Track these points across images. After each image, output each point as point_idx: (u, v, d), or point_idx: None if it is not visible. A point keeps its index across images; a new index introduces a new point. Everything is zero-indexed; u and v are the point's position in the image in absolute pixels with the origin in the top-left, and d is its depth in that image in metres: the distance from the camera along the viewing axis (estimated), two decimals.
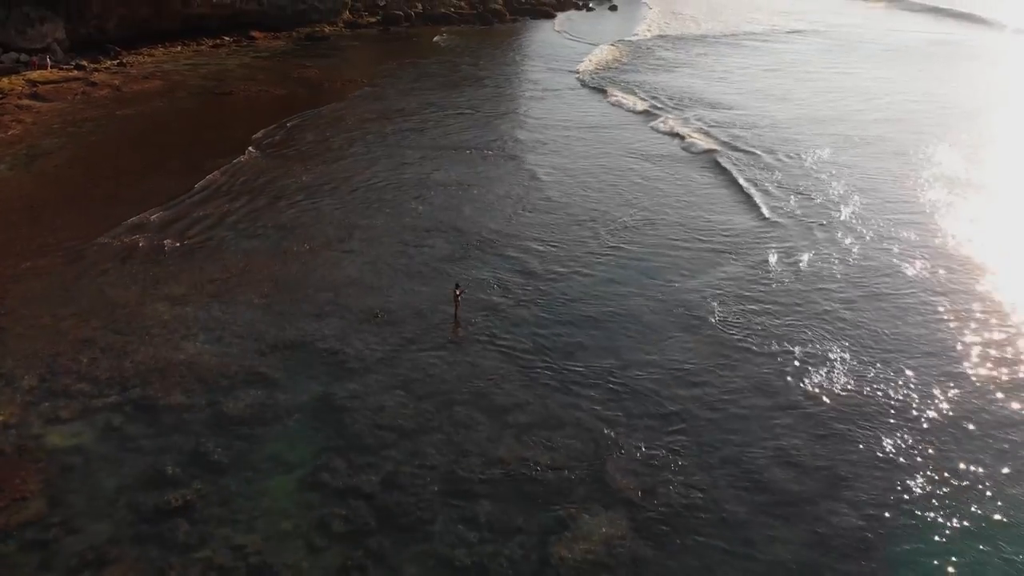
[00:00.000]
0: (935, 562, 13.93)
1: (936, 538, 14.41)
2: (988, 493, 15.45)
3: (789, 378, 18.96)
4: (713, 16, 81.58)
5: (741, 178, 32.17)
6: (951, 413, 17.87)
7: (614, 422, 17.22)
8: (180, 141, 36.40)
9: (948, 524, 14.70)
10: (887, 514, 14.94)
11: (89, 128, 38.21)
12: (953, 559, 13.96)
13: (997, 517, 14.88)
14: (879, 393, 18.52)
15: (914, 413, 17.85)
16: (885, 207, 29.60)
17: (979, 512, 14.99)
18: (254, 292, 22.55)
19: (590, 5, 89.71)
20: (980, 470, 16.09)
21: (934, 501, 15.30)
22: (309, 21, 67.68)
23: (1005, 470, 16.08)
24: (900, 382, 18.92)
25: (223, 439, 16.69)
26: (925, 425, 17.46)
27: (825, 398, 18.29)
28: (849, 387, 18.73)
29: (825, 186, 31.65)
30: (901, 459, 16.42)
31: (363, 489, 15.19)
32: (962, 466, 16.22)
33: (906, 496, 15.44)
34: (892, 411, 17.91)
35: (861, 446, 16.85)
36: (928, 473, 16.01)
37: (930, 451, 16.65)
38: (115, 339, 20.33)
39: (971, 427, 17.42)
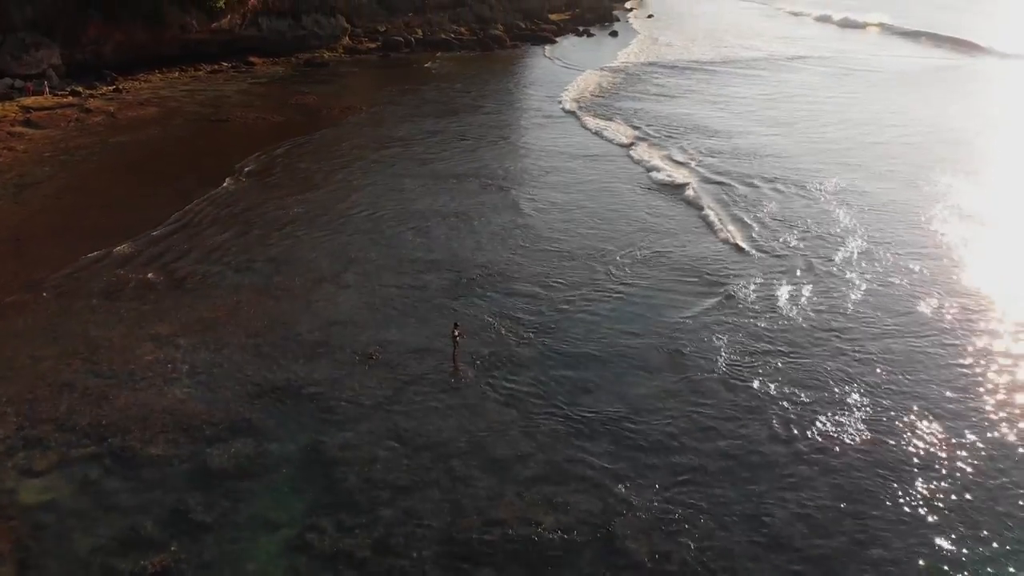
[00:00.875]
0: None
1: None
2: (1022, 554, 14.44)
3: (804, 425, 17.95)
4: (713, 41, 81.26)
5: (746, 216, 31.17)
6: (975, 462, 16.84)
7: (623, 476, 16.18)
8: (173, 169, 35.59)
9: None
10: None
11: (81, 156, 37.44)
12: None
13: None
14: (899, 441, 17.51)
15: (937, 463, 16.82)
16: (898, 242, 28.67)
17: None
18: (244, 331, 21.58)
19: (590, 31, 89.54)
20: (1012, 527, 15.04)
21: (963, 560, 14.26)
22: (308, 47, 67.25)
23: None
24: (921, 429, 17.90)
25: (205, 495, 15.65)
26: (950, 476, 16.43)
27: (843, 447, 17.27)
28: (868, 435, 17.72)
29: (833, 220, 30.74)
30: (928, 515, 15.37)
31: (354, 554, 14.14)
32: (990, 522, 15.18)
33: (935, 557, 14.39)
34: (914, 460, 16.90)
35: (885, 500, 15.83)
36: (957, 531, 14.97)
37: (956, 505, 15.62)
38: (96, 383, 19.35)
39: (999, 478, 16.38)
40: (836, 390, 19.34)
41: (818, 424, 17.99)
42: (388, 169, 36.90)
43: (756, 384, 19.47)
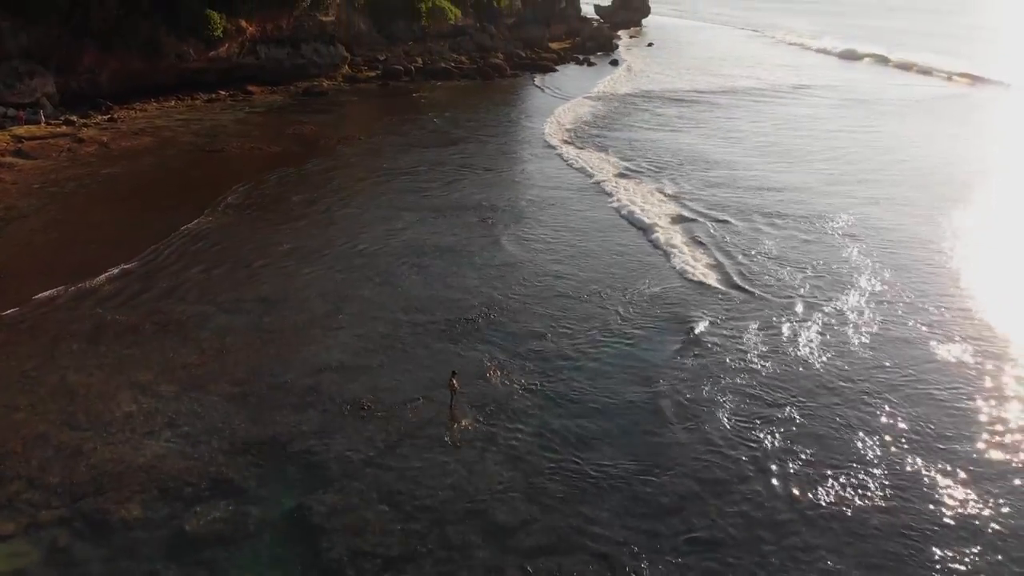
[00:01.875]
0: None
1: None
2: None
3: (822, 485, 16.79)
4: (714, 71, 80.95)
5: (744, 256, 30.16)
6: (1011, 523, 15.67)
7: (633, 544, 14.99)
8: (164, 202, 34.63)
9: None
10: None
11: (71, 188, 36.51)
12: None
13: None
14: (925, 502, 16.34)
15: (963, 524, 15.64)
16: (912, 282, 27.66)
17: None
18: (229, 379, 20.46)
19: (591, 60, 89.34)
20: None
21: None
22: (308, 75, 66.75)
23: None
24: (947, 488, 16.73)
25: (181, 565, 14.46)
26: (978, 539, 15.24)
27: (866, 510, 16.11)
28: (890, 494, 16.56)
29: (842, 259, 29.78)
30: None
31: None
32: None
33: None
34: (942, 522, 15.72)
35: (910, 566, 14.65)
36: None
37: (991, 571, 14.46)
38: (71, 436, 18.21)
39: None
40: (850, 443, 18.19)
41: (833, 482, 16.82)
42: (384, 200, 35.98)
43: (765, 437, 18.32)
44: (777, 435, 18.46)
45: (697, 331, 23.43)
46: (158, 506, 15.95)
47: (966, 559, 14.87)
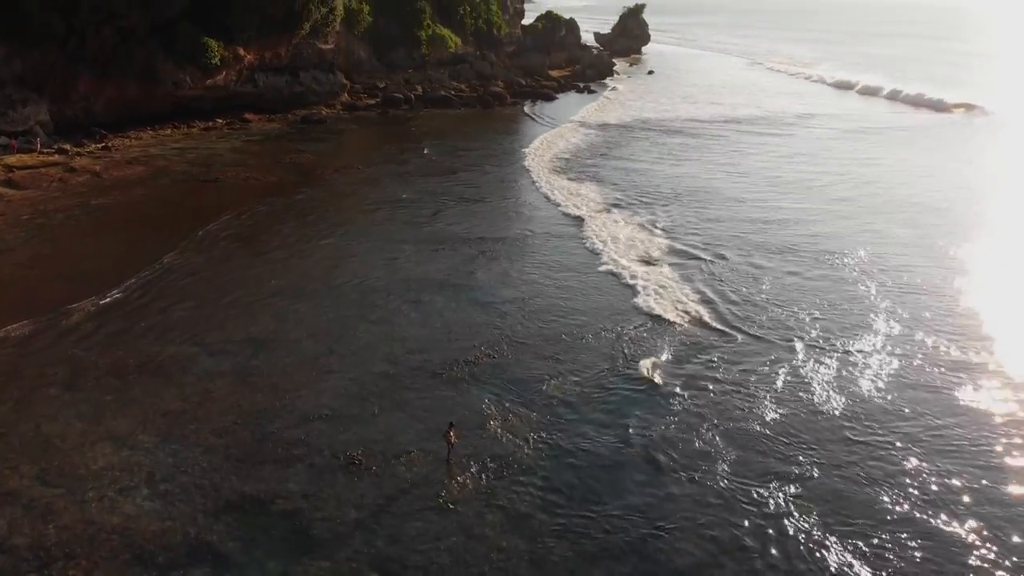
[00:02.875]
0: None
1: None
2: None
3: (845, 547, 15.58)
4: (716, 99, 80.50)
5: (740, 291, 29.23)
6: None
7: None
8: (153, 235, 33.63)
9: None
10: None
11: (59, 220, 35.55)
12: None
13: None
14: (957, 565, 15.16)
15: None
16: (931, 320, 26.60)
17: None
18: (212, 428, 19.30)
19: (591, 88, 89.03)
20: None
21: None
22: (306, 103, 66.23)
23: None
24: (981, 551, 15.54)
25: None
26: None
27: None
28: (918, 558, 15.35)
29: (853, 297, 28.74)
30: None
31: None
32: None
33: None
34: None
35: None
36: None
37: None
38: (43, 493, 17.03)
39: None
40: (872, 500, 17.01)
41: (857, 544, 15.63)
42: (380, 232, 35.00)
43: (779, 492, 17.14)
44: (792, 490, 17.28)
45: (704, 376, 22.31)
46: (131, 574, 14.73)
47: None
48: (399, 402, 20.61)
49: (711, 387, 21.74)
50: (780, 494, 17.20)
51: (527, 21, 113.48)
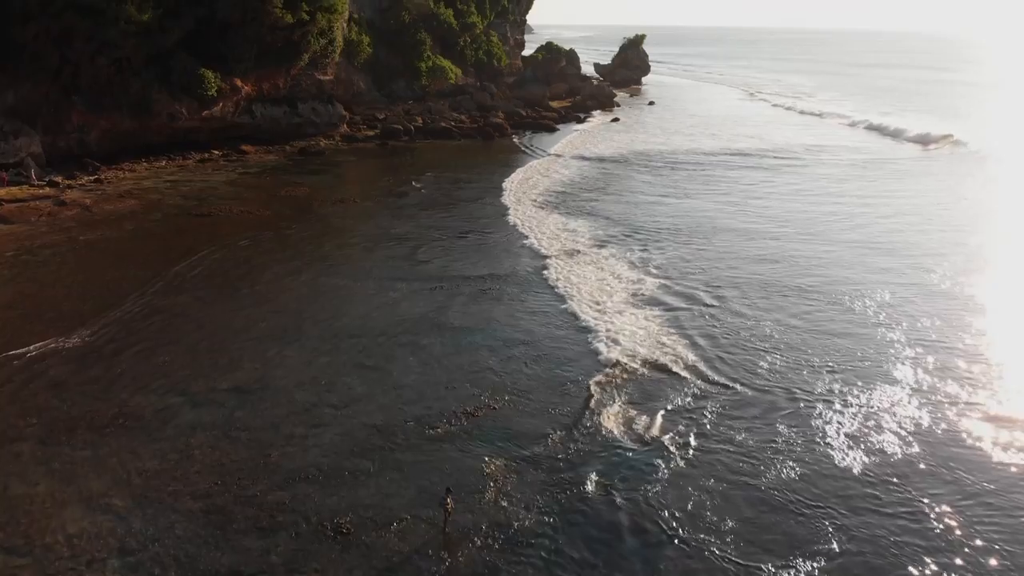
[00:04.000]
0: None
1: None
2: None
3: None
4: (719, 131, 79.90)
5: (733, 336, 27.95)
6: None
7: None
8: (140, 273, 32.39)
9: None
10: None
11: (45, 257, 34.39)
12: None
13: None
14: None
15: None
16: (957, 371, 25.27)
17: None
18: (191, 490, 17.90)
19: (592, 118, 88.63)
20: None
21: None
22: (304, 135, 65.57)
23: None
24: None
25: None
26: None
27: None
28: None
29: (869, 342, 27.44)
30: None
31: None
32: None
33: None
34: None
35: None
36: None
37: None
38: (6, 564, 15.63)
39: None
40: None
41: None
42: (376, 269, 33.77)
43: (812, 565, 15.72)
44: (824, 563, 15.84)
45: (713, 433, 20.93)
46: None
47: None
48: (393, 461, 19.22)
49: (719, 445, 20.35)
50: (814, 566, 15.76)
51: (527, 52, 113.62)
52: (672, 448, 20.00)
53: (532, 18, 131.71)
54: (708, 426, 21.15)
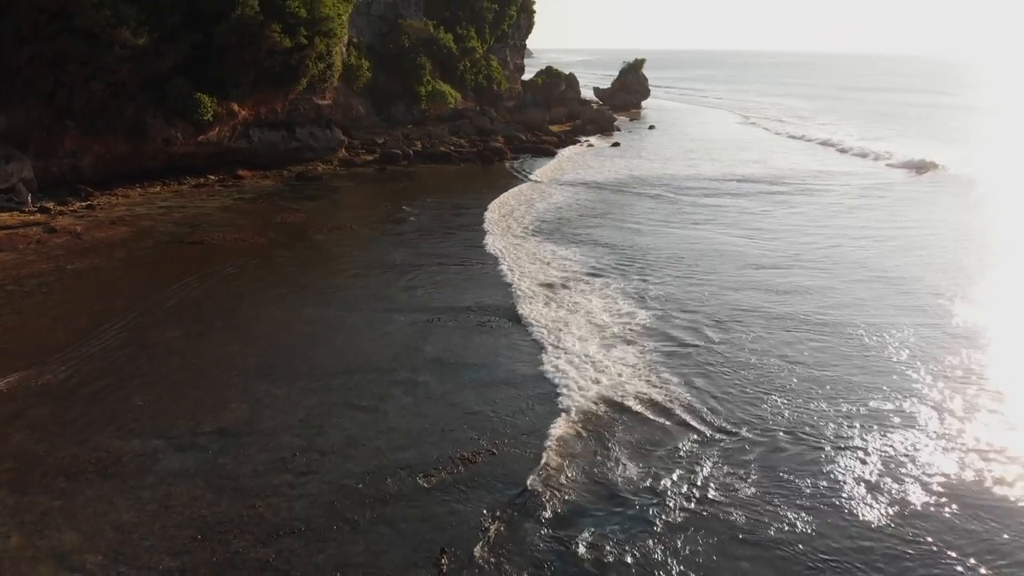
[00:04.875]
0: None
1: None
2: None
3: None
4: (726, 156, 79.31)
5: (749, 380, 26.87)
6: None
7: None
8: (126, 304, 31.31)
9: None
10: None
11: (31, 287, 33.38)
12: None
13: None
14: None
15: None
16: (996, 415, 24.18)
17: None
18: (168, 546, 16.73)
19: (591, 142, 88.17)
20: None
21: None
22: (302, 159, 64.89)
23: None
24: None
25: None
26: None
27: None
28: None
29: (897, 382, 26.36)
30: None
31: None
32: None
33: None
34: None
35: None
36: None
37: None
38: None
39: None
40: None
41: None
42: (371, 300, 32.76)
43: None
44: None
45: (723, 484, 19.81)
46: None
47: None
48: (384, 513, 18.07)
49: (722, 496, 19.21)
50: None
51: (527, 76, 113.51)
52: (673, 499, 18.86)
53: (532, 42, 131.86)
54: (709, 473, 20.01)
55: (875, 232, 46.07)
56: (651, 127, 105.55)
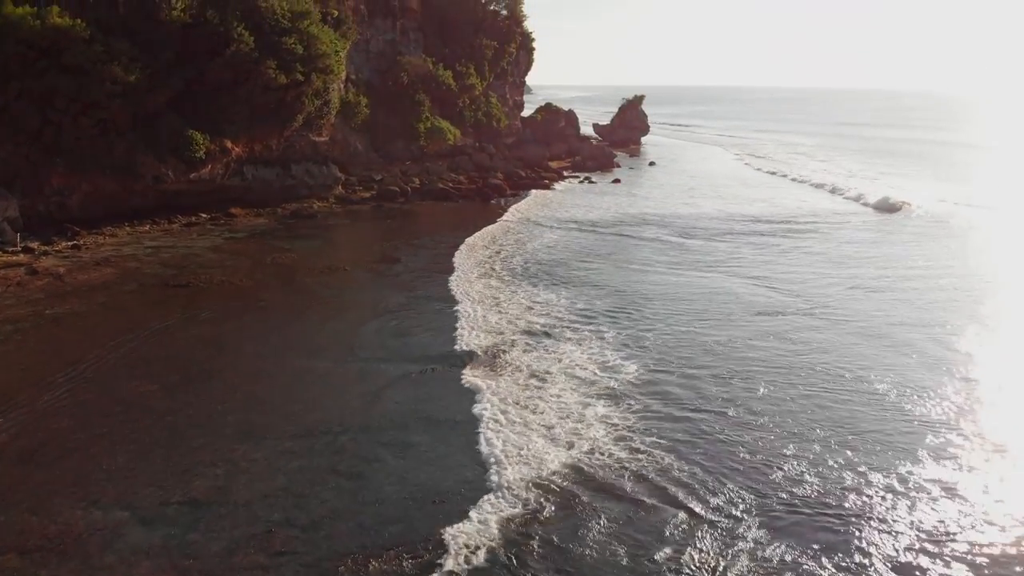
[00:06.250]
0: None
1: None
2: None
3: None
4: (721, 192, 78.23)
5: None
6: None
7: None
8: (104, 354, 29.74)
9: None
10: None
11: (6, 333, 31.80)
12: None
13: None
14: None
15: None
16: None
17: None
18: None
19: (591, 179, 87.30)
20: None
21: None
22: (298, 196, 63.73)
23: None
24: None
25: None
26: None
27: None
28: None
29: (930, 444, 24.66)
30: None
31: None
32: None
33: None
34: None
35: None
36: None
37: None
38: None
39: None
40: None
41: None
42: (362, 351, 31.10)
43: None
44: None
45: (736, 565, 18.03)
46: None
47: None
48: None
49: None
50: None
51: (527, 112, 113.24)
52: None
53: (531, 78, 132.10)
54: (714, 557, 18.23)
55: (900, 273, 44.63)
56: (652, 163, 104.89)
